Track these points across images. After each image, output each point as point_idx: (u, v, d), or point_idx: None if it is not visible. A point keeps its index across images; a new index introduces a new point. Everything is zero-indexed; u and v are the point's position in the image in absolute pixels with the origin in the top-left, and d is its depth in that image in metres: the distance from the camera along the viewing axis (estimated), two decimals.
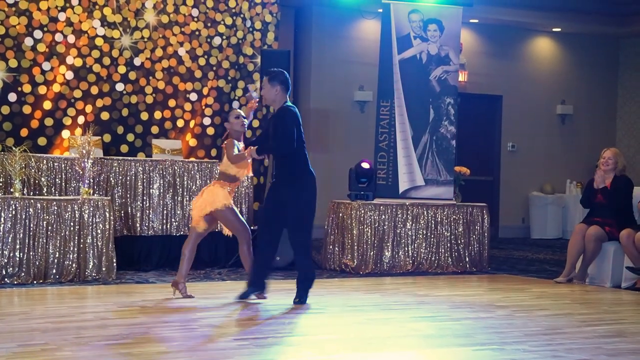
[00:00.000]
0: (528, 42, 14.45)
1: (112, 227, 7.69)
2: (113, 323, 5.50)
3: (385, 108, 9.32)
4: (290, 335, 5.39)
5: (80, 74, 8.76)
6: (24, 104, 8.50)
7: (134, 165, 8.44)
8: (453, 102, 9.50)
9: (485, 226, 9.34)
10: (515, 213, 14.31)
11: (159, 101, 9.15)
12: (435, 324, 5.84)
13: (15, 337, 4.92)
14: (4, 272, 7.22)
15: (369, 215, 8.75)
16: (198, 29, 9.32)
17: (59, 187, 8.08)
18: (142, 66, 9.04)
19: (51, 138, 8.61)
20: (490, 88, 14.00)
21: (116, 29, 8.91)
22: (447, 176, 9.42)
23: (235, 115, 6.63)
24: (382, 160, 9.29)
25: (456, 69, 9.62)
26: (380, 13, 10.18)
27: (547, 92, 14.51)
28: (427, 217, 9.05)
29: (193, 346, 4.88)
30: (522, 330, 5.57)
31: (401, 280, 8.30)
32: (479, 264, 9.28)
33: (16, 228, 7.25)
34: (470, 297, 7.18)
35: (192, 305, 6.32)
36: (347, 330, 5.55)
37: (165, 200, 8.52)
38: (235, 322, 5.77)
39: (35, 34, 8.53)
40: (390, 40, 9.32)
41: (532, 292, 7.61)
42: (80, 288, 7.15)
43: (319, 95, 12.86)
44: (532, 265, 10.04)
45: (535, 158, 14.40)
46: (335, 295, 7.14)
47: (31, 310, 6.01)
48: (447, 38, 9.48)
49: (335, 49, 12.89)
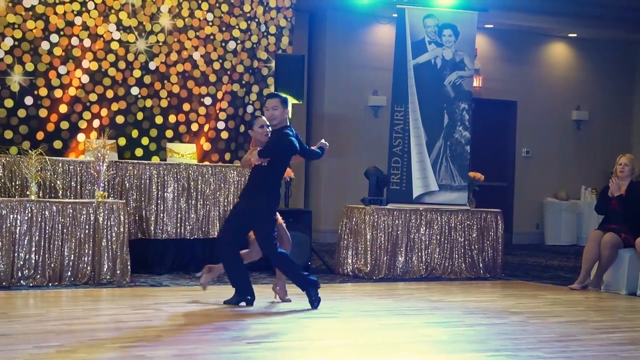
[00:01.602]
0: (543, 47, 14.44)
1: (127, 230, 7.70)
2: (127, 326, 5.52)
3: (399, 113, 9.30)
4: (301, 339, 5.39)
5: (95, 77, 8.78)
6: (40, 108, 8.53)
7: (148, 168, 8.45)
8: (467, 107, 9.48)
9: (499, 232, 9.31)
10: (530, 219, 14.31)
11: (173, 105, 9.16)
12: (449, 329, 5.82)
13: (31, 339, 4.94)
14: (20, 274, 7.25)
15: (382, 220, 8.73)
16: (213, 33, 9.32)
17: (74, 190, 8.10)
18: (157, 70, 9.05)
19: (67, 141, 8.64)
20: (505, 93, 13.99)
21: (131, 33, 8.93)
22: (461, 182, 9.39)
23: (260, 124, 6.64)
24: (396, 165, 9.27)
25: (471, 74, 9.60)
26: (394, 18, 10.15)
27: (563, 97, 14.48)
28: (440, 222, 9.02)
29: (206, 349, 4.87)
30: (536, 337, 5.54)
31: (414, 286, 8.28)
32: (493, 270, 9.24)
33: (32, 230, 7.28)
34: (484, 303, 7.16)
35: (205, 308, 6.32)
36: (358, 335, 5.53)
37: (180, 204, 8.52)
38: (248, 326, 5.76)
39: (52, 37, 8.56)
40: (405, 45, 9.30)
41: (546, 299, 7.58)
42: (95, 290, 7.16)
43: (332, 100, 12.88)
44: (546, 272, 10.01)
45: (550, 164, 14.37)
46: (348, 300, 7.13)
47: (46, 312, 6.04)
48: (462, 43, 9.45)
49: (349, 54, 12.90)
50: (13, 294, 6.88)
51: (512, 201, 14.18)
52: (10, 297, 6.75)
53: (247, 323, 5.85)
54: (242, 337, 5.33)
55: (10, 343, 4.83)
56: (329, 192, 12.81)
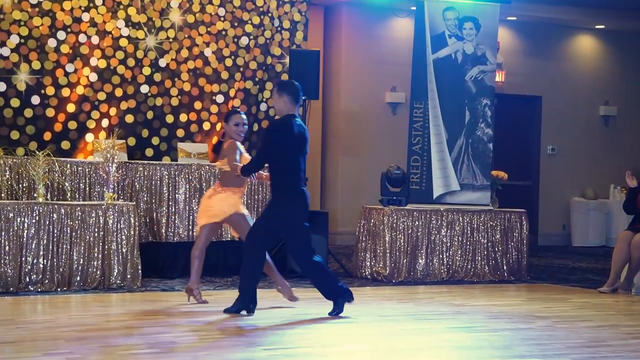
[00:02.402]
0: (569, 40, 14.34)
1: (137, 233, 7.67)
2: (138, 332, 5.51)
3: (418, 110, 9.26)
4: (320, 345, 5.35)
5: (104, 75, 8.76)
6: (47, 107, 8.50)
7: (159, 169, 8.39)
8: (490, 103, 9.42)
9: (524, 233, 9.23)
10: (556, 219, 14.21)
11: (184, 103, 9.13)
12: (472, 335, 5.77)
13: (40, 346, 4.96)
14: (28, 279, 7.23)
15: (401, 221, 8.66)
16: (225, 29, 9.28)
17: (82, 192, 8.07)
18: (167, 67, 9.03)
19: (75, 142, 8.61)
20: (528, 88, 13.90)
21: (141, 29, 8.90)
22: (484, 181, 9.33)
23: (235, 122, 6.64)
24: (416, 164, 9.23)
25: (493, 69, 9.56)
26: (413, 11, 10.16)
27: (590, 92, 14.37)
28: (462, 223, 8.92)
29: (221, 356, 4.83)
30: (564, 342, 5.49)
31: (436, 289, 8.24)
32: (518, 272, 9.16)
33: (40, 234, 7.26)
34: (509, 307, 7.11)
35: (219, 314, 6.27)
36: (378, 340, 5.51)
37: (192, 206, 8.45)
38: (263, 332, 5.73)
39: (59, 35, 8.54)
40: (424, 39, 9.24)
41: (573, 303, 7.53)
42: (105, 296, 7.18)
43: (349, 96, 12.85)
44: (574, 274, 9.95)
45: (577, 162, 14.27)
46: (367, 304, 7.09)
47: (55, 318, 6.04)
48: (483, 36, 9.39)
49: (366, 49, 12.86)
50: (21, 299, 6.88)
51: (537, 201, 14.10)
52: (18, 302, 6.76)
53: (263, 328, 5.81)
54: (258, 342, 5.31)
55: (18, 350, 4.86)
56: (345, 193, 12.78)
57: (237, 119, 6.64)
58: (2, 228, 7.08)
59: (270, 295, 6.98)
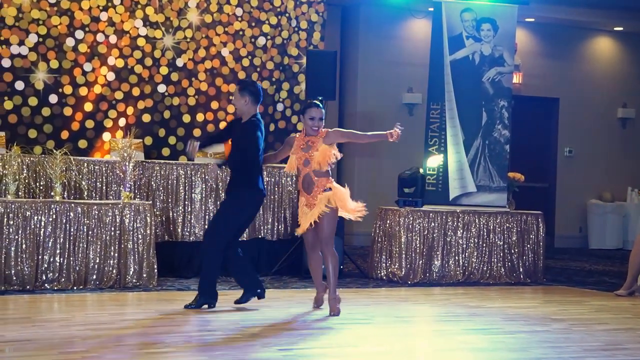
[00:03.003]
0: (587, 41, 14.25)
1: (153, 233, 7.64)
2: (154, 331, 5.50)
3: (435, 111, 9.22)
4: (335, 346, 5.32)
5: (121, 75, 8.77)
6: (65, 106, 8.52)
7: (175, 168, 8.37)
8: (507, 104, 9.36)
9: (541, 235, 9.15)
10: (572, 222, 14.13)
11: (201, 103, 9.13)
12: (488, 337, 5.73)
13: (55, 344, 4.94)
14: (44, 277, 7.23)
15: (417, 222, 8.60)
16: (242, 29, 9.28)
17: (99, 191, 8.07)
18: (184, 67, 9.04)
19: (92, 141, 8.62)
20: (546, 90, 13.82)
21: (158, 28, 8.90)
22: (500, 182, 9.27)
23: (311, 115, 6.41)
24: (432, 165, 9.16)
25: (510, 71, 9.51)
26: (430, 12, 10.13)
27: (607, 94, 14.27)
28: (478, 225, 8.86)
29: (236, 356, 4.81)
30: (581, 345, 5.43)
31: (451, 291, 8.18)
32: (534, 274, 9.09)
33: (56, 232, 7.26)
34: (525, 310, 7.06)
35: (235, 313, 6.27)
36: (393, 341, 5.47)
37: (208, 205, 8.43)
38: (279, 332, 5.70)
39: (77, 34, 8.56)
40: (442, 40, 9.19)
41: (590, 305, 7.45)
42: (121, 295, 7.16)
43: (365, 97, 12.82)
44: (591, 277, 9.88)
45: (594, 164, 14.18)
46: (382, 306, 7.07)
47: (71, 317, 6.04)
48: (501, 38, 9.34)
49: (383, 50, 12.82)
50: (37, 297, 6.89)
51: (554, 203, 14.02)
52: (35, 300, 6.77)
53: (278, 328, 5.79)
54: (273, 343, 5.27)
55: (35, 348, 4.84)
56: (361, 193, 12.58)
57: (312, 112, 6.40)
58: (19, 226, 7.09)
59: (285, 295, 6.97)
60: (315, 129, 6.34)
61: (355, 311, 6.48)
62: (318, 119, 6.35)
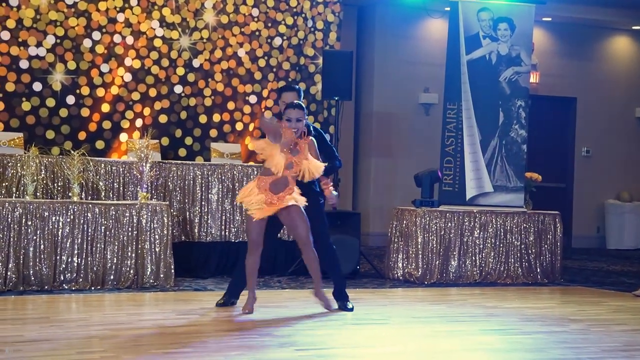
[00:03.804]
0: (605, 41, 14.15)
1: (170, 233, 7.62)
2: (171, 331, 5.48)
3: (452, 111, 9.17)
4: (352, 346, 5.29)
5: (138, 75, 8.79)
6: (82, 107, 8.55)
7: (192, 169, 8.36)
8: (524, 104, 9.30)
9: (558, 235, 9.10)
10: (590, 222, 14.05)
11: (217, 104, 9.13)
12: (505, 337, 5.70)
13: (74, 344, 4.94)
14: (62, 278, 7.23)
15: (434, 222, 8.56)
16: (258, 29, 9.28)
17: (116, 192, 8.07)
18: (201, 68, 9.04)
19: (109, 141, 8.64)
20: (563, 90, 13.74)
21: (175, 29, 8.92)
22: (517, 182, 9.22)
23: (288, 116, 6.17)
24: (449, 165, 9.14)
25: (527, 70, 9.43)
26: (447, 12, 10.09)
27: (625, 94, 14.18)
28: (495, 225, 8.81)
29: (253, 356, 4.80)
30: (599, 346, 5.39)
31: (468, 291, 8.13)
32: (551, 275, 9.04)
33: (74, 233, 7.25)
34: (542, 310, 7.00)
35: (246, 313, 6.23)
36: (410, 342, 5.44)
37: (224, 206, 8.42)
38: (296, 332, 5.67)
39: (94, 35, 8.59)
40: (458, 40, 9.15)
41: (608, 306, 7.39)
42: (138, 295, 7.15)
43: (382, 97, 12.77)
44: (609, 277, 9.80)
45: (612, 164, 14.09)
46: (399, 306, 7.04)
47: (89, 317, 6.03)
48: (518, 37, 9.28)
49: (399, 49, 12.79)
50: (55, 297, 6.89)
51: (572, 203, 13.95)
52: (53, 301, 6.77)
53: (295, 329, 5.76)
54: (290, 343, 5.25)
55: (53, 348, 4.83)
56: (377, 194, 12.72)
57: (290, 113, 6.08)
58: (37, 227, 7.10)
59: (301, 295, 6.95)
60: (294, 130, 5.93)
61: (372, 311, 6.45)
62: (296, 120, 5.96)
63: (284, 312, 6.38)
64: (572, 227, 13.67)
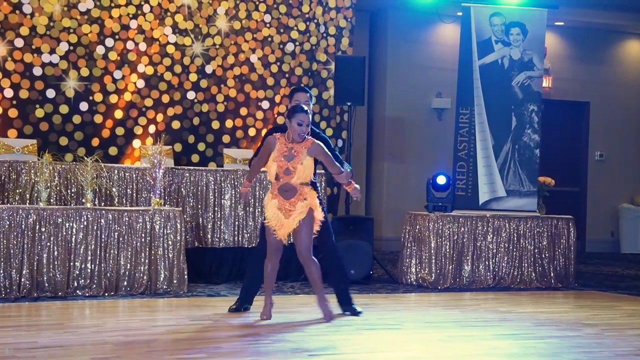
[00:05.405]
0: (617, 45, 14.13)
1: (183, 239, 7.62)
2: (185, 337, 5.48)
3: (464, 116, 9.15)
4: (365, 351, 5.27)
5: (151, 82, 8.81)
6: (95, 113, 8.58)
7: (205, 175, 8.37)
8: (537, 109, 9.26)
9: (572, 240, 9.05)
10: (604, 226, 14.02)
11: (230, 109, 9.14)
12: (519, 342, 5.66)
13: (88, 350, 4.94)
14: (76, 284, 7.24)
15: (447, 227, 8.54)
16: (270, 35, 9.29)
17: (130, 198, 8.08)
18: (213, 74, 9.05)
19: (122, 148, 8.66)
20: (576, 94, 13.73)
21: (187, 36, 8.93)
22: (531, 187, 9.18)
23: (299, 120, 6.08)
24: (462, 170, 9.11)
25: (540, 75, 9.38)
26: (459, 16, 10.07)
27: (638, 97, 14.13)
28: (509, 229, 8.79)
29: None
30: (613, 351, 5.36)
31: (481, 296, 8.11)
32: (565, 279, 9.00)
33: (88, 239, 7.26)
34: (556, 315, 6.96)
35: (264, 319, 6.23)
36: (424, 347, 5.42)
37: (237, 212, 8.43)
38: (309, 337, 5.65)
39: (107, 42, 8.63)
40: (470, 45, 9.13)
41: (622, 310, 7.35)
42: (152, 301, 7.13)
43: (394, 102, 12.78)
44: (623, 282, 9.74)
45: (625, 168, 14.05)
46: (412, 311, 7.02)
47: (103, 323, 6.02)
48: (530, 42, 9.24)
49: (411, 54, 12.80)
50: (69, 303, 6.89)
51: (585, 207, 13.92)
52: (67, 307, 6.76)
53: (308, 334, 5.74)
54: (303, 348, 5.23)
55: (66, 354, 4.83)
56: (390, 199, 12.71)
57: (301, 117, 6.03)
58: (51, 233, 7.11)
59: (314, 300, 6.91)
60: (303, 135, 5.97)
61: (386, 316, 6.43)
62: (306, 125, 5.99)
63: (297, 317, 6.36)
64: (585, 231, 13.62)
